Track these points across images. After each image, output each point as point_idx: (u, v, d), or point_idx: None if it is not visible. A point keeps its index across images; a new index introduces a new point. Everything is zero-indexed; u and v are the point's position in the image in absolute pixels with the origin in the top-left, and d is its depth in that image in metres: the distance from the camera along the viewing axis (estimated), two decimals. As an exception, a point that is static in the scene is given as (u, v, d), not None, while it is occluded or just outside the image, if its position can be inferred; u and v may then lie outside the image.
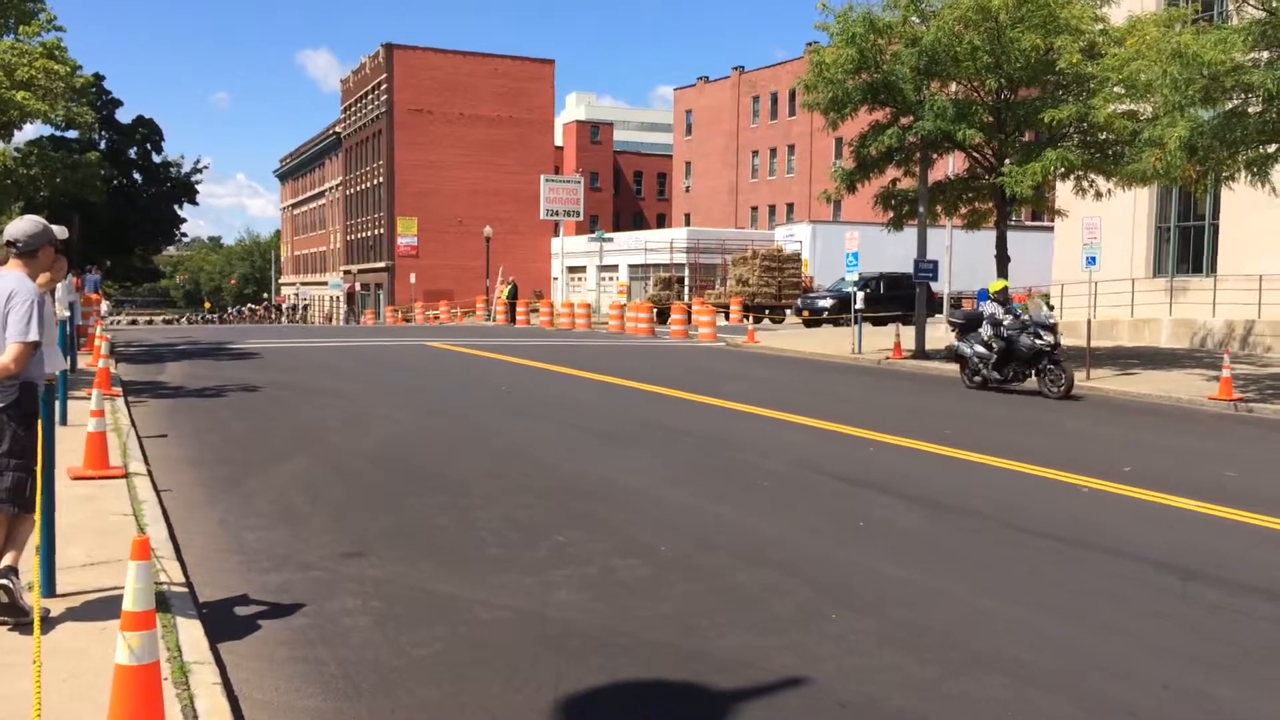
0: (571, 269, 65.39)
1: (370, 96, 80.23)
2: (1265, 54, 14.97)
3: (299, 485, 9.55)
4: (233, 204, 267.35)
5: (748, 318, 39.51)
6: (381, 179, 77.31)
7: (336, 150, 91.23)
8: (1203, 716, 4.83)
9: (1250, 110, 15.45)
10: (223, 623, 5.76)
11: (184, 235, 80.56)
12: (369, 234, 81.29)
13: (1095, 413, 15.68)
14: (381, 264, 76.98)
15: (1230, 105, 15.58)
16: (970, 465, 11.01)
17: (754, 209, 76.88)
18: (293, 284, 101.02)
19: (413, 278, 69.57)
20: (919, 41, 21.60)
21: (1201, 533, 8.30)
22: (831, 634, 5.80)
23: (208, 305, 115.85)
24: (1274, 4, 14.57)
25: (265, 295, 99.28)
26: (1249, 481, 10.47)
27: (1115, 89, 18.45)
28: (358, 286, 68.79)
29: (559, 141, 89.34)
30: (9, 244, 5.58)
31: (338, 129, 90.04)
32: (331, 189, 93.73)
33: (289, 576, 6.73)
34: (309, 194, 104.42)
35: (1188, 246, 28.60)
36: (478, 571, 6.89)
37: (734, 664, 5.31)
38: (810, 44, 24.66)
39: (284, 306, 68.61)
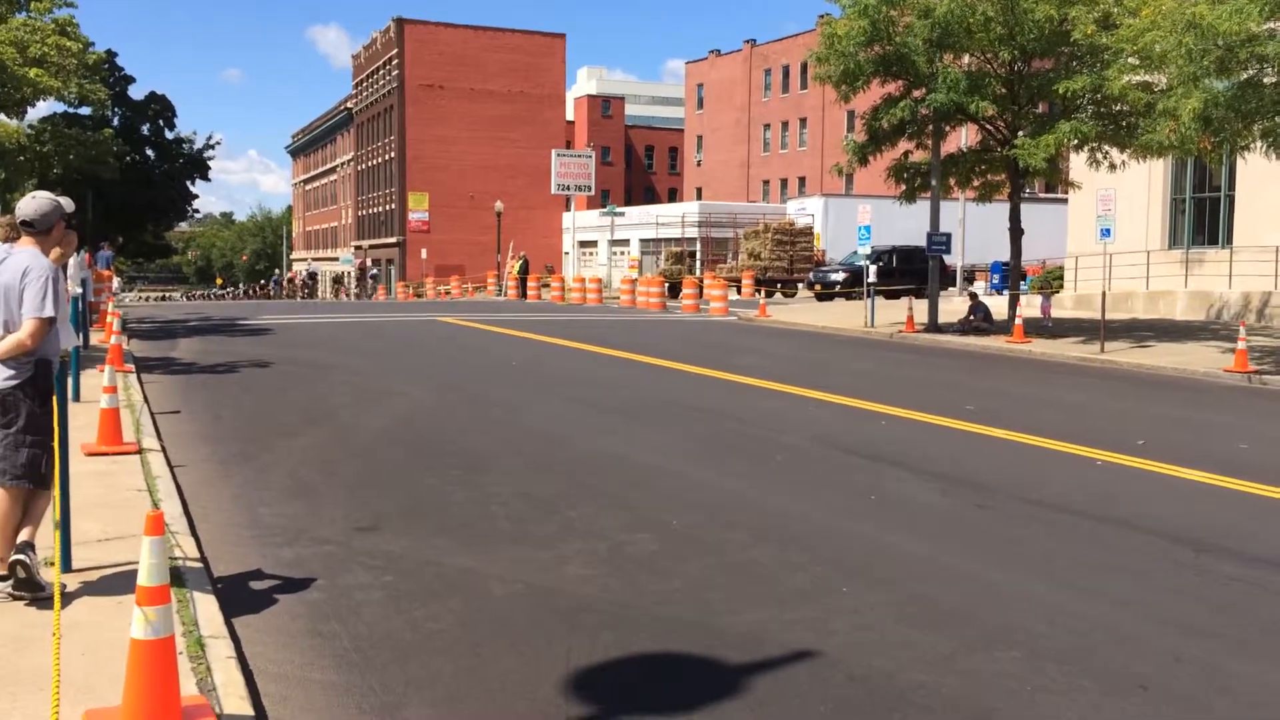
0: (583, 244, 65.29)
1: (381, 72, 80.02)
2: (1282, 23, 14.79)
3: (312, 460, 9.59)
4: (245, 180, 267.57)
5: (759, 292, 39.40)
6: (393, 154, 77.19)
7: (348, 126, 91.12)
8: (1212, 688, 4.83)
9: (1266, 81, 15.29)
10: (237, 597, 5.80)
11: (196, 211, 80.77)
12: (380, 209, 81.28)
13: (1110, 385, 15.62)
14: (393, 239, 77.01)
15: (1245, 76, 15.42)
16: (984, 439, 10.99)
17: (765, 183, 76.56)
18: (304, 259, 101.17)
19: (424, 253, 69.61)
20: (932, 13, 21.40)
21: (1214, 505, 8.28)
22: (844, 608, 5.81)
23: (219, 281, 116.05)
24: (1292, -28, 14.38)
25: (292, 269, 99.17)
26: (1262, 454, 10.43)
27: (1130, 60, 18.27)
28: (369, 261, 68.78)
29: (570, 116, 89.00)
30: (23, 223, 5.59)
31: (349, 105, 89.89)
32: (343, 165, 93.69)
33: (302, 551, 6.77)
34: (320, 170, 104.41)
35: (1203, 218, 28.37)
36: (490, 546, 6.92)
37: (745, 638, 5.32)
38: (822, 16, 24.45)
39: (313, 278, 67.29)
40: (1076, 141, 21.57)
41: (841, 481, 9.05)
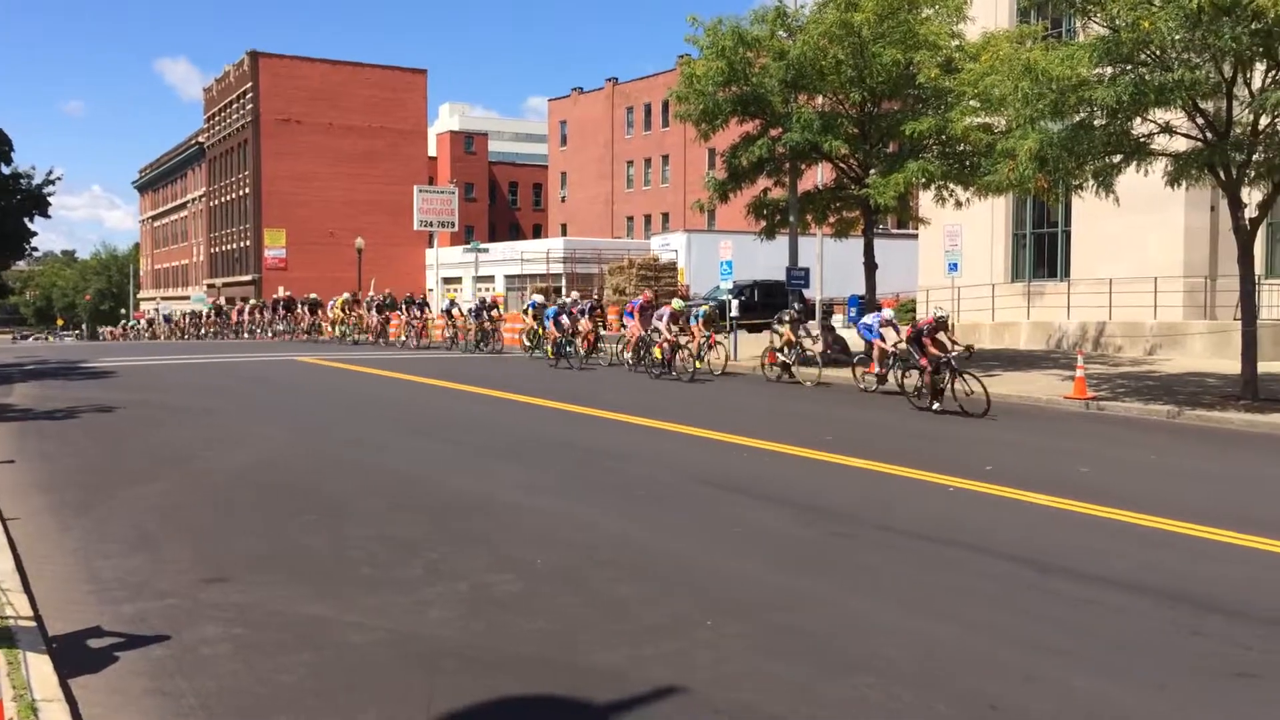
0: (447, 280, 64.59)
1: (235, 105, 77.99)
2: (1109, 69, 15.71)
3: (159, 509, 9.16)
4: (88, 216, 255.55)
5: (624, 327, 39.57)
6: (248, 189, 75.18)
7: (200, 160, 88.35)
8: (1059, 705, 5.01)
9: (1096, 123, 16.20)
10: (74, 657, 5.47)
11: (35, 249, 76.77)
12: (235, 246, 78.92)
13: (960, 414, 16.20)
14: (248, 277, 74.80)
15: (1078, 119, 16.31)
16: (842, 469, 11.25)
17: (629, 219, 77.29)
18: (152, 299, 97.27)
19: (281, 290, 67.70)
20: (786, 55, 22.08)
21: (1059, 527, 8.64)
22: (706, 642, 5.83)
23: (60, 322, 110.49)
24: (1117, 22, 15.32)
25: (139, 309, 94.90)
26: (1101, 477, 10.96)
27: (971, 103, 19.14)
28: (223, 300, 66.54)
29: (433, 152, 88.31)
30: None
31: (201, 139, 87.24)
32: (195, 200, 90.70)
33: (146, 605, 6.44)
34: (170, 205, 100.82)
35: (1043, 253, 29.86)
36: (349, 593, 6.71)
37: (609, 676, 5.29)
38: (682, 56, 24.97)
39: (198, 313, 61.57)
40: (924, 180, 22.45)
41: (704, 514, 9.12)
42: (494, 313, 31.88)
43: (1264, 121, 15.94)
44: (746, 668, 5.44)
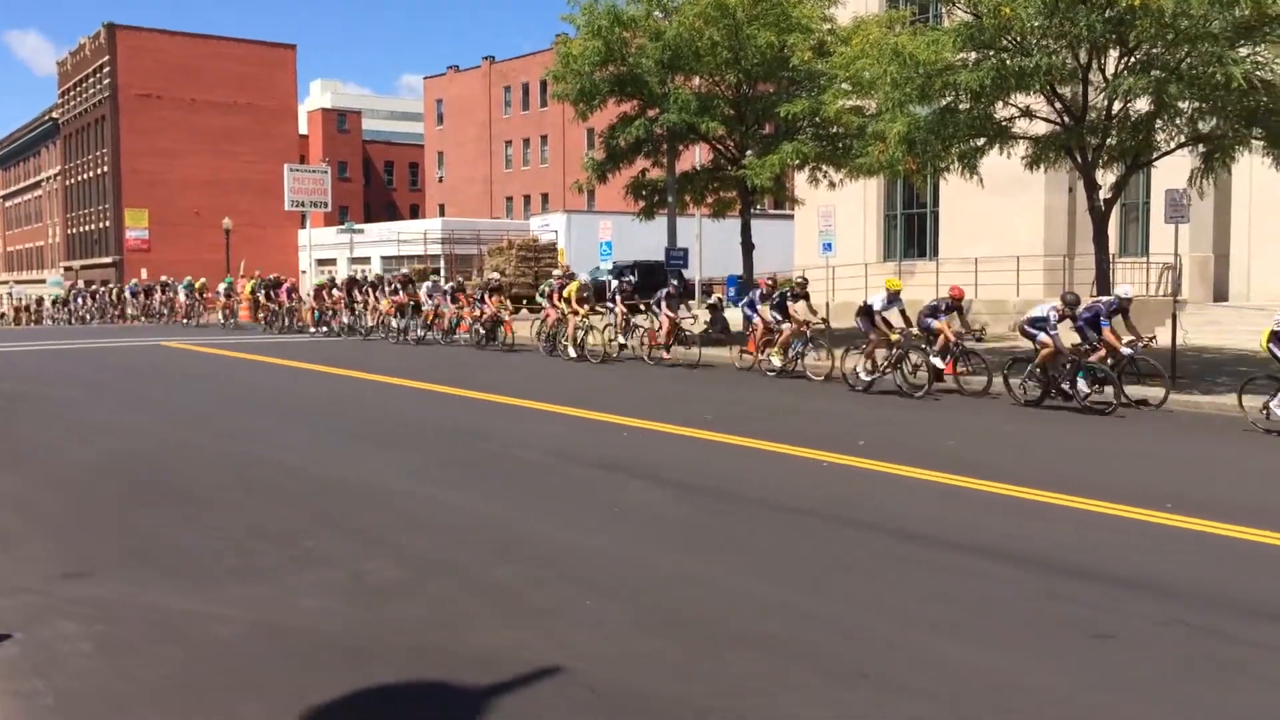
0: (321, 261, 63.00)
1: (91, 80, 74.43)
2: (972, 55, 16.21)
3: (12, 503, 8.72)
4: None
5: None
6: (106, 168, 71.92)
7: (54, 137, 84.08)
8: (927, 671, 5.17)
9: (960, 107, 16.71)
10: (-84, 662, 5.17)
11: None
12: (94, 227, 75.48)
13: (834, 390, 16.58)
14: (108, 259, 71.65)
15: (944, 103, 16.79)
16: (723, 446, 11.38)
17: (509, 199, 76.62)
18: (5, 282, 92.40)
19: (144, 273, 65.01)
20: (662, 36, 22.15)
21: (928, 498, 8.91)
22: (586, 622, 5.84)
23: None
24: (980, 8, 15.80)
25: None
26: (966, 449, 11.35)
27: (843, 85, 19.53)
28: (80, 283, 63.65)
29: (304, 130, 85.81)
30: None
31: (54, 114, 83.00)
32: (49, 179, 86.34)
33: (-2, 605, 6.13)
34: (22, 184, 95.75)
35: (913, 233, 30.74)
36: (217, 585, 6.50)
37: (488, 659, 5.25)
38: (559, 35, 24.81)
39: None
40: (798, 161, 22.84)
41: (584, 495, 9.13)
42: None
43: (1117, 106, 16.67)
44: (626, 647, 5.47)
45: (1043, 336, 14.40)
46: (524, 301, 45.13)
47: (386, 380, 17.67)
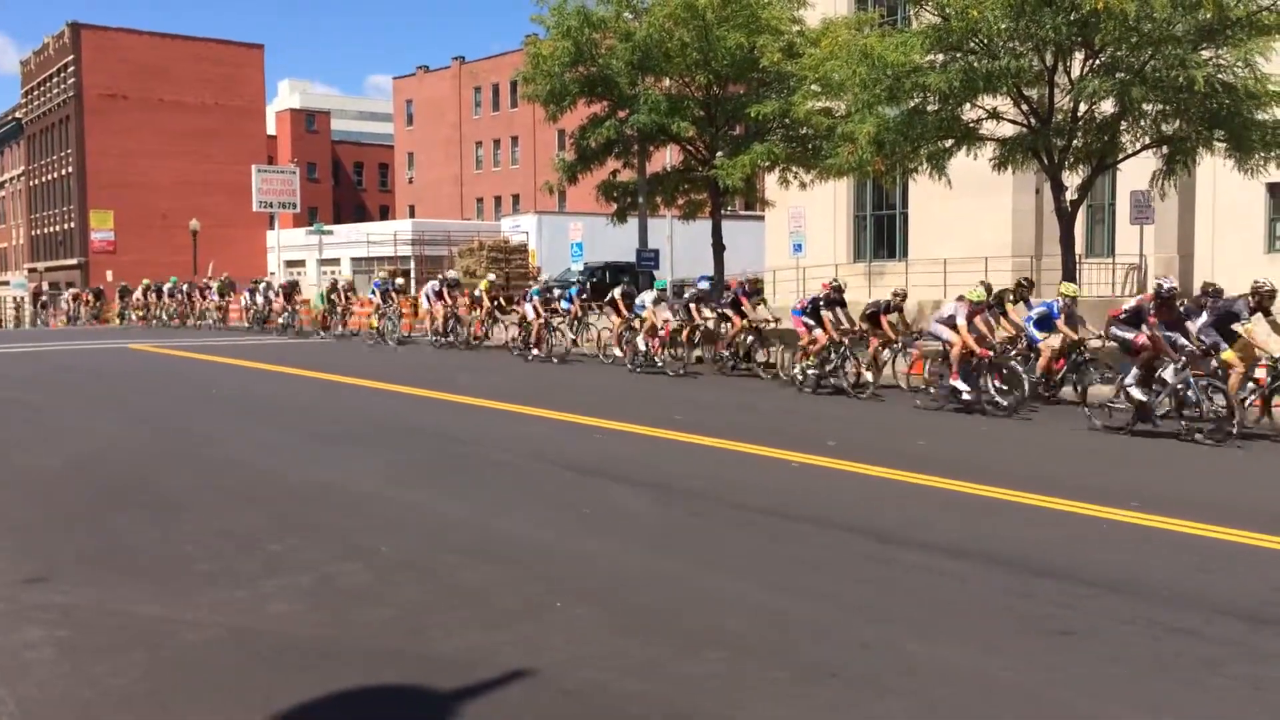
0: (290, 263, 62.52)
1: (56, 80, 73.55)
2: (940, 57, 16.33)
3: (-25, 509, 8.60)
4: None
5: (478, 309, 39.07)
6: (71, 169, 71.11)
7: (17, 138, 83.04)
8: (895, 669, 5.20)
9: (929, 109, 16.83)
10: (-125, 671, 5.09)
11: None
12: (58, 228, 74.60)
13: (803, 392, 16.63)
14: (73, 261, 70.83)
15: (913, 104, 16.91)
16: (694, 448, 11.40)
17: (479, 200, 76.41)
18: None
19: (109, 275, 64.28)
20: (632, 37, 22.17)
21: (897, 498, 8.96)
22: (557, 625, 5.82)
23: None
24: (948, 10, 15.92)
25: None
26: (936, 450, 11.43)
27: (812, 87, 19.63)
28: (45, 285, 62.86)
29: (272, 130, 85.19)
30: None
31: (18, 114, 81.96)
32: (12, 180, 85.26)
33: (-41, 611, 6.04)
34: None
35: (883, 233, 30.90)
36: (184, 590, 6.44)
37: (459, 663, 5.23)
38: (529, 36, 24.79)
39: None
40: (769, 162, 22.92)
41: (558, 497, 9.11)
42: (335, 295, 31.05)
43: (1082, 108, 16.84)
44: (598, 648, 5.46)
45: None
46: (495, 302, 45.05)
47: (344, 380, 17.55)
